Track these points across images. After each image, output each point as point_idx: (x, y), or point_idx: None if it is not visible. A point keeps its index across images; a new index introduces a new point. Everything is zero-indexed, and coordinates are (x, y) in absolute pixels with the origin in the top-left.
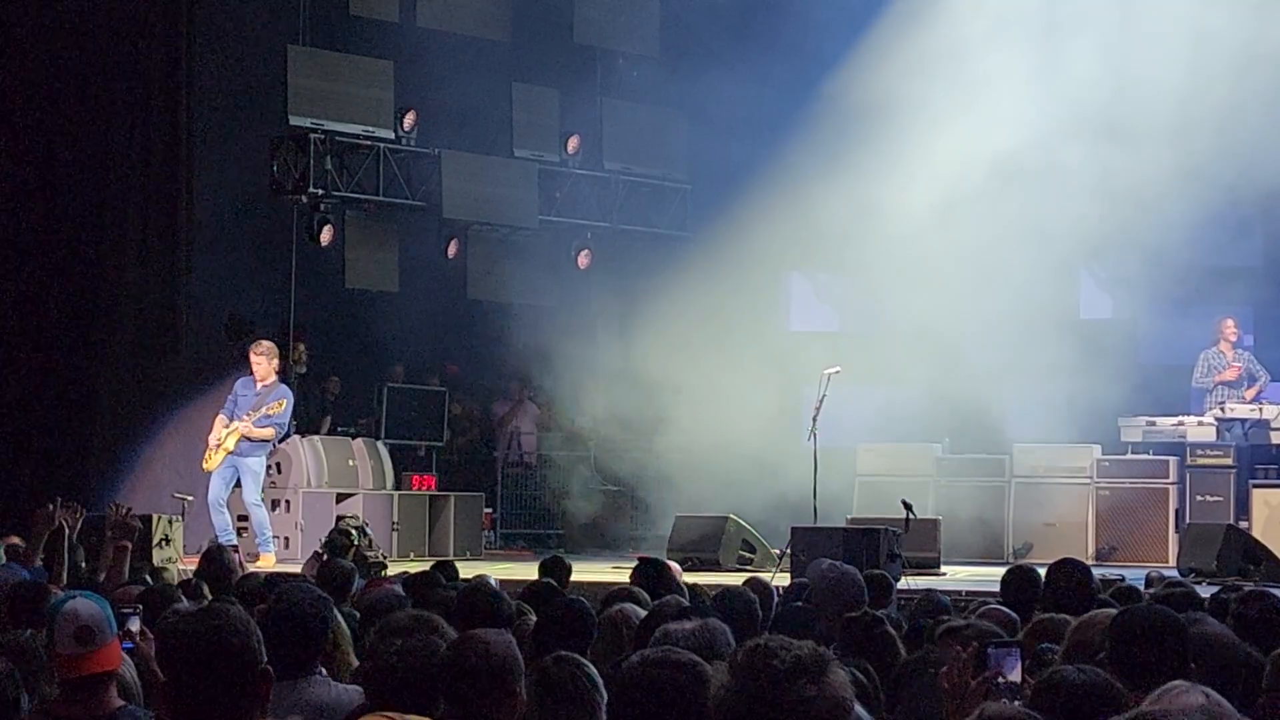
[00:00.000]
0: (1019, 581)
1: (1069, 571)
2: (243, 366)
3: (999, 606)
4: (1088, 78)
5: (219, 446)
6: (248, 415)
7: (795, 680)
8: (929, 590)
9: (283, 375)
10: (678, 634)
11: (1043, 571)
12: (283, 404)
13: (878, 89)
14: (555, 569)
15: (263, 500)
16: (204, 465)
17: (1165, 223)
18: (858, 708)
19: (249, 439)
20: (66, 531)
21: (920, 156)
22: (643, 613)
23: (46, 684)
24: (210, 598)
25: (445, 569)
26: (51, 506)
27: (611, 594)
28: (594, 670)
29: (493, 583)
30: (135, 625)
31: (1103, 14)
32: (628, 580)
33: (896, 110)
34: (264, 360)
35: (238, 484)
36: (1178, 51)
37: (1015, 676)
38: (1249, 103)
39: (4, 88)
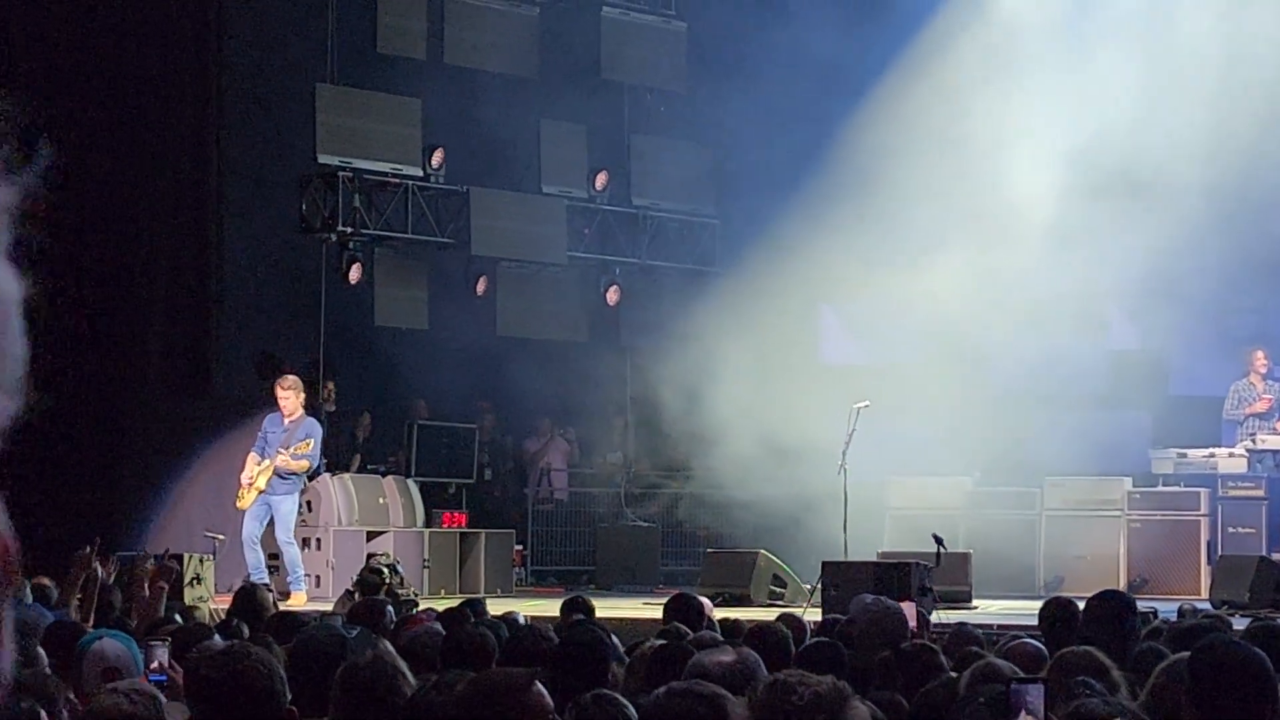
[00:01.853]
0: (1057, 614)
1: (1110, 603)
2: (272, 404)
3: (1029, 640)
4: (1116, 126)
5: (251, 485)
6: (281, 451)
7: (814, 716)
8: (961, 623)
9: (311, 409)
10: (714, 668)
11: (1081, 604)
12: (310, 444)
13: (904, 125)
14: (578, 609)
15: (294, 539)
16: (237, 504)
17: (1195, 258)
18: None
19: (283, 473)
20: (100, 578)
21: (948, 193)
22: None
23: None
24: (248, 637)
25: (473, 607)
26: (89, 549)
27: (661, 632)
28: (631, 710)
29: (521, 620)
30: (164, 657)
31: (1128, 63)
32: (660, 616)
33: (924, 146)
34: (292, 395)
35: (271, 522)
36: (1205, 97)
37: (1039, 712)
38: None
39: (34, 126)
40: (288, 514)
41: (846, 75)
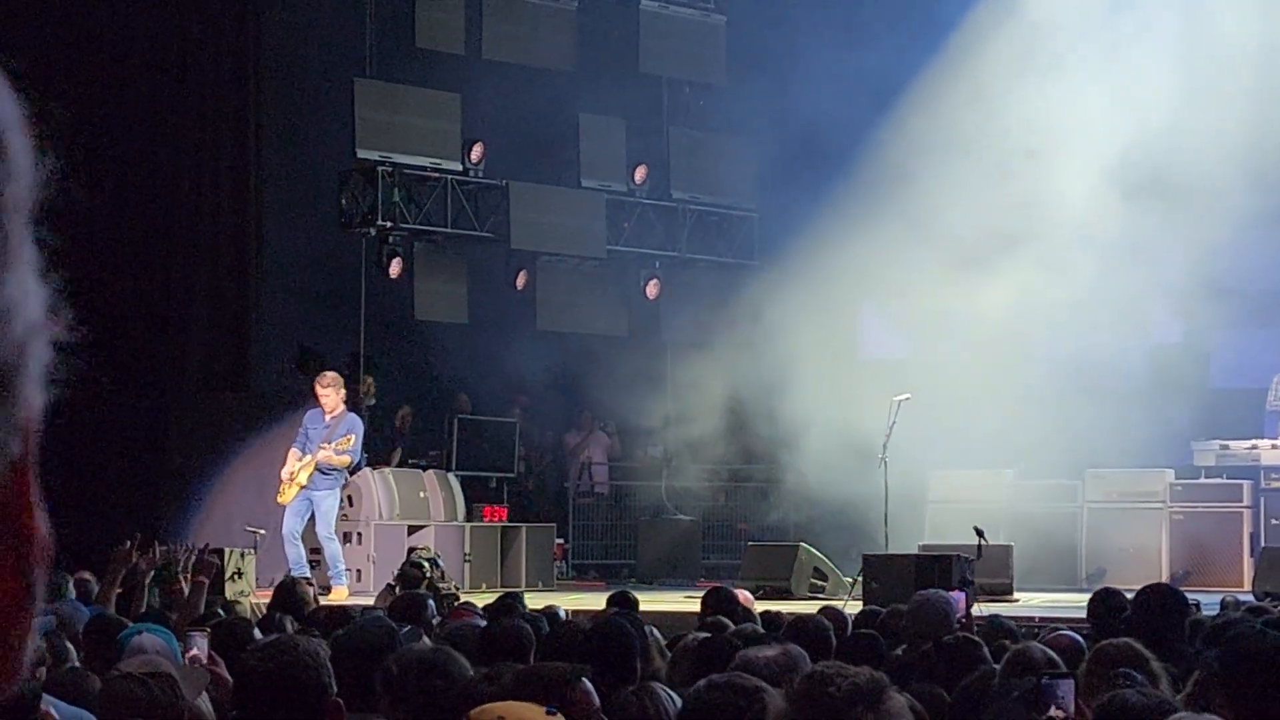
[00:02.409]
0: (1105, 606)
1: (1159, 597)
2: (312, 399)
3: (1067, 632)
4: (1155, 122)
5: (292, 480)
6: (323, 446)
7: (852, 707)
8: (994, 616)
9: (351, 404)
10: (757, 661)
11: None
12: (352, 439)
13: (947, 117)
14: (622, 604)
15: (335, 534)
16: (278, 499)
17: (1236, 251)
18: None
19: (325, 468)
20: (143, 570)
21: (989, 188)
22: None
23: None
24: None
25: (513, 600)
26: (129, 544)
27: (703, 625)
28: (667, 701)
29: (561, 614)
30: (203, 647)
31: (1165, 61)
32: (698, 610)
33: (964, 142)
34: (331, 392)
35: (312, 517)
36: (1243, 92)
37: (1069, 706)
38: None
39: (74, 122)
40: (329, 510)
41: (885, 69)
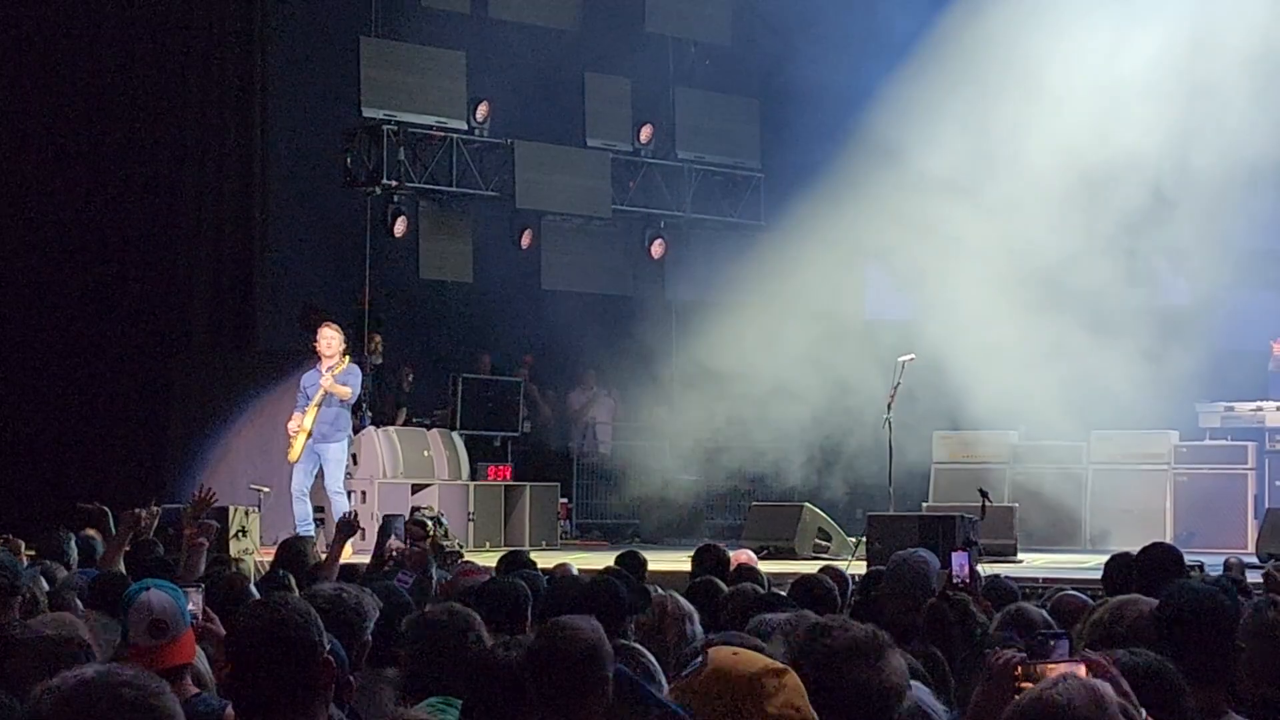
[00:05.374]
0: (1120, 568)
1: (1157, 555)
2: (311, 359)
3: (1074, 593)
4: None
5: (299, 431)
6: (325, 376)
7: (849, 661)
8: (995, 576)
9: (358, 362)
10: (771, 622)
11: None
12: (341, 368)
13: (952, 76)
14: (631, 563)
15: (344, 490)
16: (288, 456)
17: (1244, 209)
18: (919, 693)
19: (328, 414)
20: (141, 527)
21: (993, 148)
22: (686, 603)
23: None
24: (296, 590)
25: (516, 558)
26: (140, 511)
27: (692, 585)
28: (650, 659)
29: (573, 571)
30: (198, 603)
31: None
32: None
33: (970, 101)
34: (336, 334)
35: (321, 472)
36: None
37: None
38: None
39: (82, 80)
40: (337, 463)
41: (891, 28)
